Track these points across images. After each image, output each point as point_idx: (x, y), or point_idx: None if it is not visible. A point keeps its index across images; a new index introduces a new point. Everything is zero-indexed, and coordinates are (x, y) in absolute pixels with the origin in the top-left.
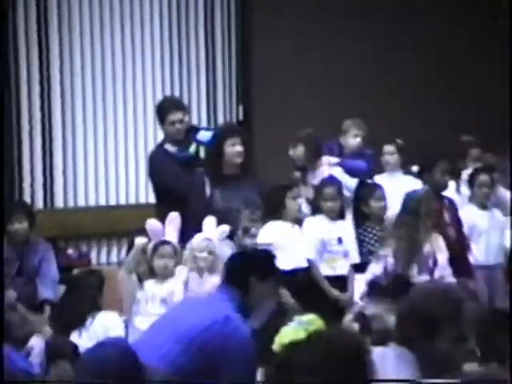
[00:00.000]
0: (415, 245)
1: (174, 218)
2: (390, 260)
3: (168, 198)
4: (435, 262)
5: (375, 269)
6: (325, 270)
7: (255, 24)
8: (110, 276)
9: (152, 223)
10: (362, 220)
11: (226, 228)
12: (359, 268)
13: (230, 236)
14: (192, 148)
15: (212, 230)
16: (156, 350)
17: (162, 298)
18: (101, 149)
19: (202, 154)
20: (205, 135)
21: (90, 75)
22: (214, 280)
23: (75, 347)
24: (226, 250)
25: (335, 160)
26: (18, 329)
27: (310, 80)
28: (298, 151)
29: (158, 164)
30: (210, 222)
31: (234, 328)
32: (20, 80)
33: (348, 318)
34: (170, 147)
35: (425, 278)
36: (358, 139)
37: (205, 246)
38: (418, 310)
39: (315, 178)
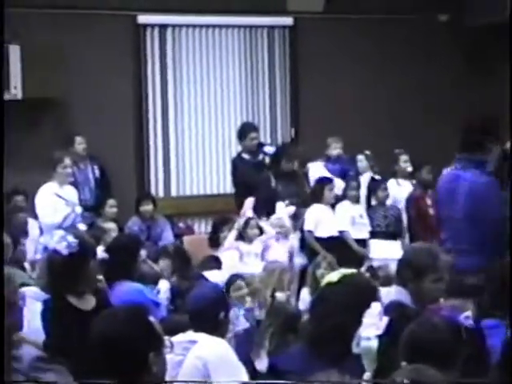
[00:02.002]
0: None
1: (251, 202)
2: None
3: (244, 189)
4: None
5: None
6: (355, 234)
7: (302, 73)
8: (204, 240)
9: (245, 208)
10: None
11: (291, 209)
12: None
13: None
14: (260, 157)
15: (283, 211)
16: None
17: (255, 253)
18: (200, 156)
19: (266, 161)
20: (269, 149)
21: (193, 103)
22: (287, 243)
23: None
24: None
25: (320, 164)
26: (147, 274)
27: (338, 110)
28: (295, 164)
29: (239, 167)
30: (280, 205)
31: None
32: (148, 107)
33: (362, 269)
34: (246, 156)
35: None
36: (338, 150)
37: (280, 221)
38: (410, 261)
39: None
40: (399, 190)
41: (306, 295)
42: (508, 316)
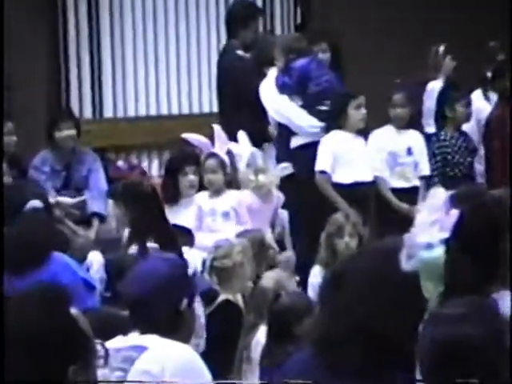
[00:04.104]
0: None
1: (220, 133)
2: None
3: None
4: None
5: None
6: (396, 182)
7: None
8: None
9: (196, 138)
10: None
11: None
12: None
13: None
14: None
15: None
16: None
17: (224, 212)
18: (151, 56)
19: None
20: None
21: None
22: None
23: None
24: None
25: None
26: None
27: None
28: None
29: (239, 67)
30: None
31: None
32: None
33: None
34: (242, 53)
35: None
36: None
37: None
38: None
39: None
40: (486, 109)
41: (317, 277)
42: None
